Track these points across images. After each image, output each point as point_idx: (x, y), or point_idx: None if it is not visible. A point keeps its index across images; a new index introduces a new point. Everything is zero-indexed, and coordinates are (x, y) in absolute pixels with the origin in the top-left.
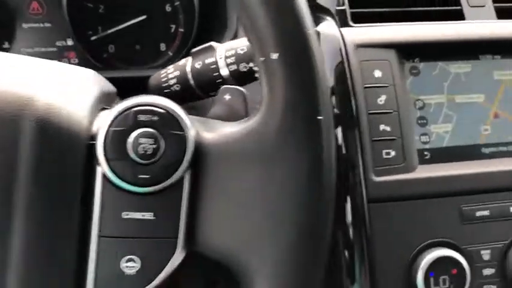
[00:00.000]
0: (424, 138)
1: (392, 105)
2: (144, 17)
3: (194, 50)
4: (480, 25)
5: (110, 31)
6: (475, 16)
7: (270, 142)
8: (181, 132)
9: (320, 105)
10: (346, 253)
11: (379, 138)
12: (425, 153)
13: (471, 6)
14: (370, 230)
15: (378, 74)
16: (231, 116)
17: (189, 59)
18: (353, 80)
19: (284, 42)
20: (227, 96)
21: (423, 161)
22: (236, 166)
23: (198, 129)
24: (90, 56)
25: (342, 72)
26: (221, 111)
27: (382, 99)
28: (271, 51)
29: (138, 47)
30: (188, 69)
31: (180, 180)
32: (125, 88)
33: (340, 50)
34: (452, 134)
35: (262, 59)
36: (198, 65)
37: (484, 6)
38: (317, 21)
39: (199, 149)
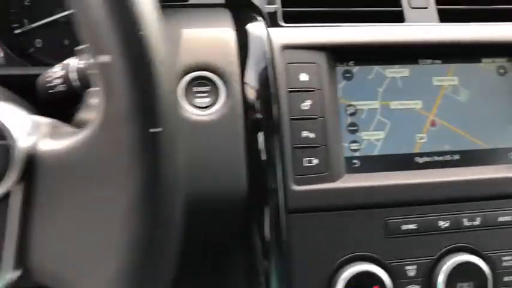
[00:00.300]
0: (354, 146)
1: (317, 111)
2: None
3: (78, 47)
4: (421, 28)
5: (36, 24)
6: (416, 18)
7: (100, 156)
8: (4, 142)
9: (158, 115)
10: (264, 266)
11: (301, 145)
12: (354, 161)
13: (412, 8)
14: (288, 242)
15: (304, 77)
16: None
17: (75, 57)
18: (277, 84)
19: (118, 43)
20: (94, 100)
21: (351, 169)
22: (66, 182)
23: (41, 138)
24: (14, 51)
25: (266, 75)
26: (87, 116)
27: (306, 104)
28: (103, 52)
29: (67, 42)
30: (73, 68)
31: (6, 196)
32: None
33: (265, 51)
34: (385, 142)
35: (94, 61)
36: (82, 64)
37: (426, 8)
38: (248, 20)
39: (33, 160)
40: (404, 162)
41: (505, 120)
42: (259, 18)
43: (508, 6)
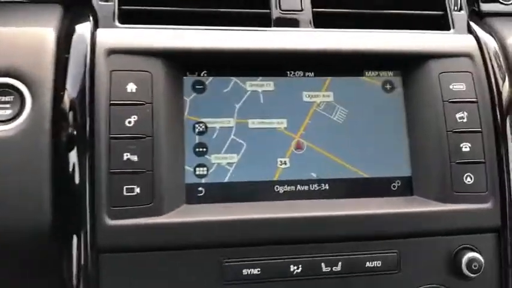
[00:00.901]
0: (200, 171)
1: (146, 129)
2: None
3: None
4: (291, 34)
5: None
6: (286, 23)
7: None
8: None
9: None
10: None
11: (121, 169)
12: (200, 189)
13: (282, 11)
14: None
15: (131, 88)
16: None
17: None
18: (96, 94)
19: None
20: None
21: (194, 199)
22: None
23: None
24: None
25: (84, 83)
26: None
27: (131, 121)
28: None
29: None
30: None
31: None
32: None
33: (86, 55)
34: (239, 167)
35: None
36: None
37: (300, 11)
38: (79, 20)
39: None
40: (262, 191)
41: (389, 145)
42: (91, 17)
43: (397, 11)
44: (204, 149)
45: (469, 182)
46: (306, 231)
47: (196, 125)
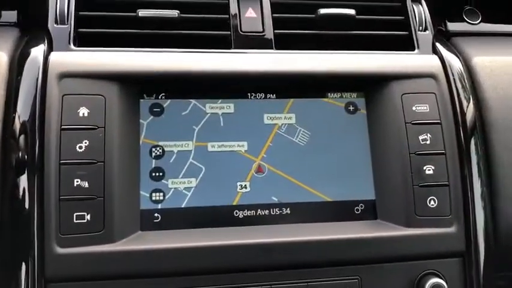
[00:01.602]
0: (156, 196)
1: (97, 154)
2: None
3: None
4: (252, 56)
5: None
6: (247, 44)
7: None
8: None
9: None
10: None
11: (72, 196)
12: (156, 215)
13: (243, 33)
14: None
15: (84, 112)
16: None
17: None
18: (47, 118)
19: None
20: None
21: (149, 225)
22: None
23: None
24: None
25: (35, 107)
26: None
27: (82, 146)
28: None
29: None
30: None
31: None
32: None
33: (38, 79)
34: (197, 192)
35: None
36: None
37: (261, 32)
38: (35, 42)
39: None
40: (221, 217)
41: (352, 167)
42: (46, 40)
43: (360, 32)
44: (161, 174)
45: (432, 205)
46: (266, 258)
47: (153, 149)
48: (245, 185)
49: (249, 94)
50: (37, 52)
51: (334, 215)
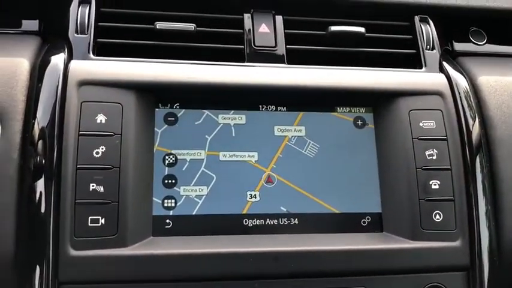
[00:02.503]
0: (168, 203)
1: (113, 160)
2: None
3: None
4: (264, 70)
5: None
6: (260, 58)
7: None
8: None
9: None
10: None
11: (87, 200)
12: (167, 221)
13: (257, 47)
14: None
15: (101, 119)
16: None
17: None
18: (65, 124)
19: None
20: None
21: (161, 231)
22: None
23: None
24: None
25: (54, 113)
26: None
27: (99, 151)
28: None
29: None
30: None
31: None
32: None
33: (58, 86)
34: (208, 200)
35: None
36: None
37: (273, 47)
38: (56, 51)
39: None
40: (230, 225)
41: (360, 180)
42: (66, 49)
43: (370, 50)
44: (173, 181)
45: (438, 219)
46: (274, 266)
47: (167, 157)
48: (255, 195)
49: (260, 106)
50: (57, 60)
51: (341, 227)
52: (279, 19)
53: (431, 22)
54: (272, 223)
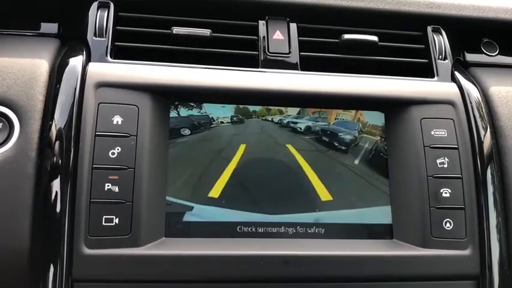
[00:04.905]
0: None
1: (129, 161)
2: None
3: None
4: (277, 76)
5: None
6: (274, 65)
7: None
8: None
9: None
10: None
11: (102, 199)
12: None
13: (270, 53)
14: None
15: (118, 120)
16: None
17: None
18: (82, 125)
19: None
20: None
21: (174, 232)
22: None
23: None
24: None
25: (71, 114)
26: None
27: (115, 152)
28: None
29: None
30: None
31: None
32: None
33: (76, 87)
34: None
35: None
36: None
37: (288, 54)
38: (74, 53)
39: None
40: (243, 228)
41: (370, 187)
42: (85, 51)
43: (382, 58)
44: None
45: (448, 227)
46: (283, 270)
47: None
48: None
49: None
50: (76, 62)
51: (350, 233)
52: (293, 26)
53: (443, 32)
54: (284, 228)
